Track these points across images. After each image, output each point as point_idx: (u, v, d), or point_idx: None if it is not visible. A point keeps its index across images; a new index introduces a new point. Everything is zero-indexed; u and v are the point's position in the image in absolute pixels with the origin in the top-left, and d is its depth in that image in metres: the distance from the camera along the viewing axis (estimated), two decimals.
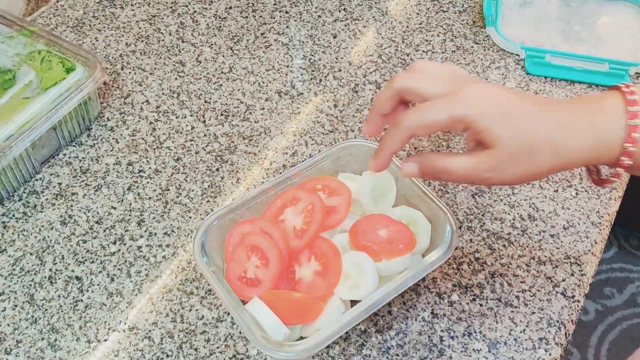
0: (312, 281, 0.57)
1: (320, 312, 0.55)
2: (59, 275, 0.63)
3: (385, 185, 0.63)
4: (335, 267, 0.56)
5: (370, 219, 0.60)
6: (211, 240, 0.58)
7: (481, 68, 0.85)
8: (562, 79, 0.83)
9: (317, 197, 0.59)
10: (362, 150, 0.65)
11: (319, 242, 0.58)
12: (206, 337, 0.59)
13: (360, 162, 0.66)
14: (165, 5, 0.92)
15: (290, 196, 0.60)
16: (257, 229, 0.58)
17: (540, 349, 0.59)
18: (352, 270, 0.57)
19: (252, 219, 0.60)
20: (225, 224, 0.60)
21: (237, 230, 0.59)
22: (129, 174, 0.72)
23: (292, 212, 0.60)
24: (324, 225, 0.59)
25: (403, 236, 0.58)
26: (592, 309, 1.50)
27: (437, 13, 0.93)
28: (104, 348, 0.58)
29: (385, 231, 0.58)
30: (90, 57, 0.72)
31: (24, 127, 0.66)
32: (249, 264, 0.57)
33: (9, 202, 0.69)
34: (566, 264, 0.65)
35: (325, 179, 0.63)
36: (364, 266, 0.56)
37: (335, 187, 0.62)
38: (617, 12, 0.92)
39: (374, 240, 0.58)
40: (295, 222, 0.59)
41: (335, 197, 0.61)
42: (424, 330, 0.60)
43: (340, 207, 0.60)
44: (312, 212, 0.59)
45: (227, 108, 0.79)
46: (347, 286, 0.56)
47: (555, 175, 0.73)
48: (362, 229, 0.59)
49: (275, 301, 0.54)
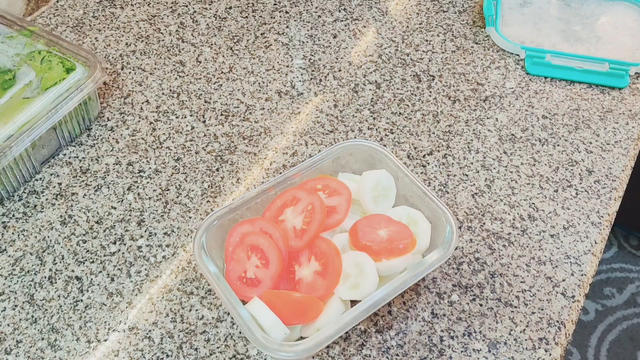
0: (312, 281, 0.57)
1: (320, 312, 0.55)
2: (59, 275, 0.63)
3: (385, 185, 0.63)
4: (336, 267, 0.56)
5: (370, 219, 0.60)
6: (211, 240, 0.58)
7: (481, 68, 0.85)
8: (562, 79, 0.83)
9: (317, 197, 0.59)
10: (362, 150, 0.65)
11: (319, 242, 0.58)
12: (206, 337, 0.59)
13: (360, 162, 0.66)
14: (165, 5, 0.92)
15: (290, 196, 0.60)
16: (257, 229, 0.58)
17: (540, 349, 0.59)
18: (352, 270, 0.56)
19: (252, 219, 0.60)
20: (225, 224, 0.60)
21: (237, 230, 0.59)
22: (129, 174, 0.72)
23: (292, 212, 0.59)
24: (324, 225, 0.58)
25: (403, 236, 0.58)
26: (592, 309, 1.50)
27: (437, 13, 0.93)
28: (104, 348, 0.58)
29: (385, 231, 0.58)
30: (90, 57, 0.72)
31: (24, 127, 0.66)
32: (249, 264, 0.57)
33: (9, 202, 0.69)
34: (566, 264, 0.65)
35: (325, 179, 0.63)
36: (364, 266, 0.56)
37: (335, 187, 0.62)
38: (617, 12, 0.92)
39: (374, 240, 0.57)
40: (295, 222, 0.59)
41: (335, 197, 0.61)
42: (424, 330, 0.60)
43: (340, 207, 0.60)
44: (312, 212, 0.58)
45: (227, 108, 0.79)
46: (347, 286, 0.56)
47: (555, 175, 0.73)
48: (362, 229, 0.58)
49: (275, 301, 0.54)
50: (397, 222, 0.60)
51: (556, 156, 0.75)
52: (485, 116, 0.79)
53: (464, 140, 0.76)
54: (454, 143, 0.76)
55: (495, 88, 0.82)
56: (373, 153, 0.65)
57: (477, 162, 0.74)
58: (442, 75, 0.84)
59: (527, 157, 0.75)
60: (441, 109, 0.79)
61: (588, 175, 0.73)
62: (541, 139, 0.76)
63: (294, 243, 0.58)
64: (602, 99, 0.81)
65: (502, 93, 0.82)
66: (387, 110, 0.79)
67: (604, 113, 0.80)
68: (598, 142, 0.76)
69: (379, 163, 0.64)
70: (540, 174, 0.73)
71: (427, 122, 0.78)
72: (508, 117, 0.79)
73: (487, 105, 0.80)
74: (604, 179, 0.73)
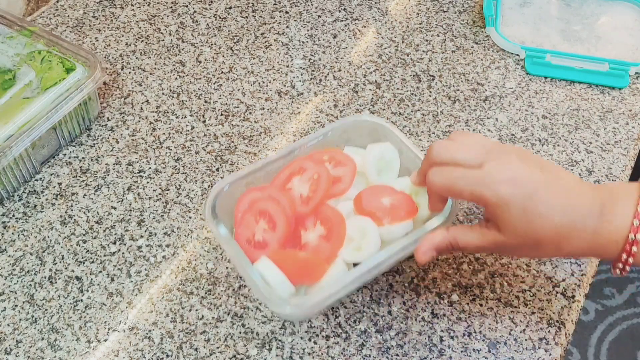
0: (317, 244, 0.58)
1: (324, 272, 0.57)
2: (59, 275, 0.63)
3: (389, 158, 0.64)
4: (340, 231, 0.58)
5: (374, 189, 0.62)
6: (220, 208, 0.60)
7: (481, 68, 0.85)
8: (562, 79, 0.83)
9: (323, 167, 0.61)
10: (368, 125, 0.66)
11: (324, 208, 0.60)
12: (206, 337, 0.59)
13: (365, 137, 0.67)
14: (165, 5, 0.92)
15: (297, 166, 0.62)
16: (265, 196, 0.60)
17: (540, 349, 0.59)
18: (355, 234, 0.58)
19: (261, 187, 0.61)
20: (235, 191, 0.61)
21: (246, 197, 0.61)
22: (129, 174, 0.72)
23: (299, 181, 0.61)
24: (329, 193, 0.61)
25: (405, 204, 0.60)
26: (592, 308, 1.50)
27: (437, 13, 0.93)
28: (104, 348, 0.58)
29: (388, 199, 0.60)
30: (90, 57, 0.72)
31: (24, 127, 0.66)
32: (257, 228, 0.59)
33: (9, 202, 0.69)
34: (566, 264, 0.65)
35: (332, 151, 0.65)
36: (367, 230, 0.58)
37: (341, 159, 0.63)
38: (617, 12, 0.92)
39: (377, 207, 0.59)
40: (302, 189, 0.61)
41: (341, 167, 0.63)
42: (424, 330, 0.60)
43: (345, 177, 0.62)
44: (318, 181, 0.60)
45: (227, 108, 0.79)
46: (350, 248, 0.58)
47: None
48: (366, 197, 0.60)
49: (282, 260, 0.56)
50: (399, 192, 0.61)
51: (556, 156, 0.75)
52: (485, 116, 0.79)
53: None
54: None
55: (495, 88, 0.82)
56: (378, 128, 0.66)
57: None
58: (442, 75, 0.84)
59: None
60: (441, 109, 0.79)
61: (588, 175, 0.73)
62: (541, 139, 0.76)
63: (300, 209, 0.60)
64: (602, 99, 0.81)
65: (502, 93, 0.82)
66: (387, 110, 0.79)
67: (604, 113, 0.80)
68: (598, 142, 0.77)
69: (384, 138, 0.66)
70: None
71: (427, 122, 0.78)
72: (508, 117, 0.79)
73: (487, 105, 0.80)
74: (604, 179, 0.73)
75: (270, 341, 0.59)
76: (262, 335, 0.59)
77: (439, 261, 0.65)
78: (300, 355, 0.58)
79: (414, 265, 0.65)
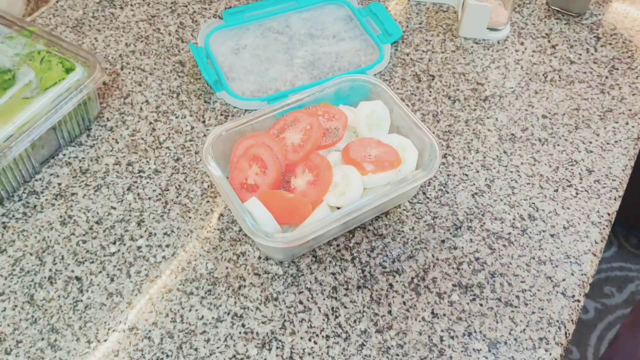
0: (304, 190, 0.63)
1: (308, 213, 0.61)
2: (58, 276, 0.63)
3: (379, 115, 0.69)
4: (326, 177, 0.62)
5: (362, 141, 0.66)
6: (217, 153, 0.64)
7: (481, 68, 0.85)
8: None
9: (315, 119, 0.66)
10: (362, 85, 0.71)
11: (314, 156, 0.65)
12: (206, 337, 0.59)
13: (360, 96, 0.71)
14: (165, 5, 0.92)
15: (292, 117, 0.67)
16: (259, 142, 0.65)
17: (540, 348, 0.59)
18: (340, 180, 0.63)
19: (256, 134, 0.66)
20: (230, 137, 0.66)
21: (242, 144, 0.65)
22: (128, 174, 0.72)
23: (292, 130, 0.66)
24: (319, 143, 0.65)
25: (390, 156, 0.64)
26: (592, 307, 1.50)
27: (437, 13, 0.93)
28: (104, 348, 0.58)
29: (374, 151, 0.64)
30: (89, 57, 0.72)
31: (23, 127, 0.66)
32: (250, 172, 0.63)
33: (9, 202, 0.69)
34: (566, 264, 0.65)
35: (326, 106, 0.69)
36: (351, 177, 0.62)
37: (334, 114, 0.68)
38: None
39: (362, 157, 0.63)
40: (294, 138, 0.65)
41: (333, 121, 0.67)
42: (424, 330, 0.60)
43: (336, 130, 0.67)
44: (310, 131, 0.65)
45: (226, 108, 0.79)
46: (334, 194, 0.62)
47: (555, 174, 0.73)
48: (353, 147, 0.65)
49: (270, 200, 0.61)
50: (386, 145, 0.66)
51: (556, 156, 0.75)
52: (485, 116, 0.79)
53: (463, 140, 0.76)
54: (454, 143, 0.76)
55: (495, 88, 0.82)
56: (372, 87, 0.71)
57: (477, 161, 0.74)
58: (442, 75, 0.84)
59: (527, 157, 0.75)
60: (441, 108, 0.79)
61: (588, 175, 0.73)
62: (541, 138, 0.76)
63: (291, 157, 0.65)
64: (602, 99, 0.81)
65: (502, 93, 0.82)
66: None
67: (604, 113, 0.80)
68: (598, 141, 0.76)
69: (377, 97, 0.70)
70: (540, 173, 0.73)
71: (427, 122, 0.78)
72: (508, 116, 0.79)
73: (487, 105, 0.80)
74: (604, 178, 0.73)
75: (270, 341, 0.59)
76: (262, 335, 0.59)
77: (439, 261, 0.65)
78: (300, 355, 0.58)
79: (414, 265, 0.65)
